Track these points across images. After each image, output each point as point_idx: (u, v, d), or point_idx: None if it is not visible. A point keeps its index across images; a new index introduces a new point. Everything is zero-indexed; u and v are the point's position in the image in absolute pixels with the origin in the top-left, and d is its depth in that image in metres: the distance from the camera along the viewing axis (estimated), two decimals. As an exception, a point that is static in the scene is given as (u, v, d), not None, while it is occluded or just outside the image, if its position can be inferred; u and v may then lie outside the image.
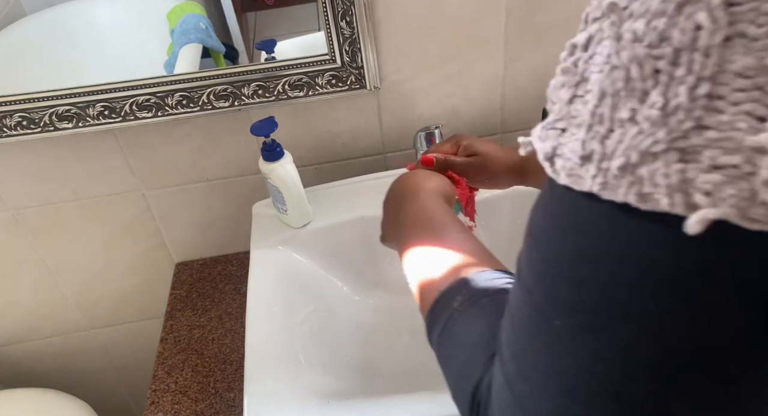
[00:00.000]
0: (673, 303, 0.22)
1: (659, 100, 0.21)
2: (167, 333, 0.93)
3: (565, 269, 0.25)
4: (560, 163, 0.25)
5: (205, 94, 0.83)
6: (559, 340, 0.26)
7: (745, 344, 0.22)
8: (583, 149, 0.24)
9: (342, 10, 0.78)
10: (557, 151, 0.25)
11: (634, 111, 0.22)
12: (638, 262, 0.23)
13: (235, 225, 1.00)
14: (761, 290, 0.21)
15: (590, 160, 0.24)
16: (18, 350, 1.12)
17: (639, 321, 0.23)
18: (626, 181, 0.22)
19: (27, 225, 0.96)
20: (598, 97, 0.23)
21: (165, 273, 1.04)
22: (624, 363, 0.23)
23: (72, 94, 0.81)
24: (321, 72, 0.83)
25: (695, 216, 0.21)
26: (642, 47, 0.21)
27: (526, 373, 0.28)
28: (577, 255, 0.25)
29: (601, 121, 0.23)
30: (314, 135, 0.92)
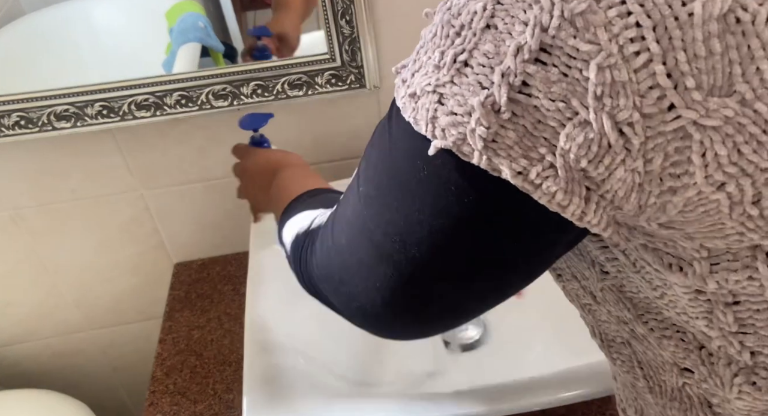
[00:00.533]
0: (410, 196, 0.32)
1: (438, 55, 0.29)
2: (166, 334, 0.93)
3: (373, 153, 0.35)
4: (396, 79, 0.33)
5: (204, 94, 0.83)
6: (359, 201, 0.36)
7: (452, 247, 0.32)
8: (404, 74, 0.32)
9: (342, 9, 0.78)
10: (402, 69, 0.33)
11: (430, 58, 0.30)
12: (407, 164, 0.32)
13: (234, 226, 1.00)
14: (461, 204, 0.30)
15: (404, 84, 0.32)
16: (16, 351, 1.12)
17: (399, 202, 0.33)
18: (411, 106, 0.31)
19: (25, 225, 0.95)
20: (423, 41, 0.32)
21: (164, 274, 1.04)
22: (385, 226, 0.34)
23: (70, 93, 0.81)
24: (320, 71, 0.83)
25: (432, 143, 0.30)
26: (448, 14, 0.29)
27: (338, 217, 0.39)
28: (381, 147, 0.34)
29: (418, 58, 0.32)
30: (314, 134, 0.92)
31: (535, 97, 0.27)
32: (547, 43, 0.26)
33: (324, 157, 0.95)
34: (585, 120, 0.26)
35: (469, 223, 0.31)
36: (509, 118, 0.27)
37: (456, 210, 0.31)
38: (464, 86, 0.28)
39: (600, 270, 0.39)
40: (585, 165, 0.27)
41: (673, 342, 0.38)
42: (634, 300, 0.38)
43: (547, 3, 0.25)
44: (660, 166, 0.27)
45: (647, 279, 0.36)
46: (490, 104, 0.27)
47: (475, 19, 0.28)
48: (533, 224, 0.31)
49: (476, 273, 0.33)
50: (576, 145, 0.27)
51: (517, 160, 0.28)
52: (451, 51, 0.29)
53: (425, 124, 0.30)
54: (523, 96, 0.27)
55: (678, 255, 0.32)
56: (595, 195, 0.29)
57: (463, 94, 0.28)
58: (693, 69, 0.25)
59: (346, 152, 0.95)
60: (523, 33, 0.26)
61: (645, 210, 0.29)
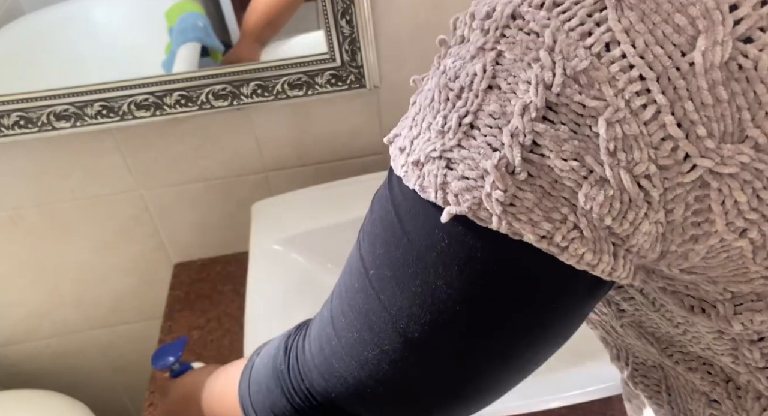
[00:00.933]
0: (433, 270, 0.30)
1: (441, 120, 0.28)
2: (166, 335, 0.92)
3: (381, 230, 0.32)
4: (391, 148, 0.32)
5: (204, 93, 0.83)
6: (371, 285, 0.33)
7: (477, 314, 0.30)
8: (402, 142, 0.31)
9: (342, 8, 0.78)
10: (395, 138, 0.32)
11: (430, 124, 0.29)
12: (419, 236, 0.30)
13: (234, 226, 1.00)
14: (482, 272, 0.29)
15: (403, 152, 0.31)
16: (16, 351, 1.12)
17: (420, 279, 0.30)
18: (416, 174, 0.29)
19: (25, 225, 0.95)
20: (419, 107, 0.30)
21: (163, 274, 1.04)
22: (409, 309, 0.31)
23: (70, 93, 0.81)
24: (320, 71, 0.83)
25: (445, 210, 0.28)
26: (444, 78, 0.29)
27: (345, 309, 0.35)
28: (389, 221, 0.32)
29: (416, 125, 0.30)
30: (314, 134, 0.92)
31: (548, 157, 0.26)
32: (552, 101, 0.25)
33: (324, 157, 0.95)
34: (602, 177, 0.26)
35: (502, 289, 0.29)
36: (525, 179, 0.27)
37: (487, 276, 0.29)
38: (473, 149, 0.27)
39: (617, 309, 0.38)
40: (609, 222, 0.27)
41: (699, 374, 0.37)
42: (656, 335, 0.38)
43: (548, 61, 0.25)
44: (681, 216, 0.27)
45: (667, 317, 0.35)
46: (504, 166, 0.27)
47: (475, 81, 0.27)
48: (563, 283, 0.30)
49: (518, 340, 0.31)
50: (597, 204, 0.26)
51: (539, 224, 0.27)
52: (454, 114, 0.28)
53: (434, 190, 0.29)
54: (536, 156, 0.26)
55: (700, 297, 0.32)
56: (622, 249, 0.28)
57: (473, 158, 0.27)
58: (702, 117, 0.25)
59: (346, 152, 0.95)
60: (527, 92, 0.26)
61: (666, 257, 0.29)
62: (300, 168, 0.95)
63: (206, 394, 0.54)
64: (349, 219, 0.84)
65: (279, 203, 0.88)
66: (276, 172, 0.96)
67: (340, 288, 0.36)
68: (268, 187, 0.97)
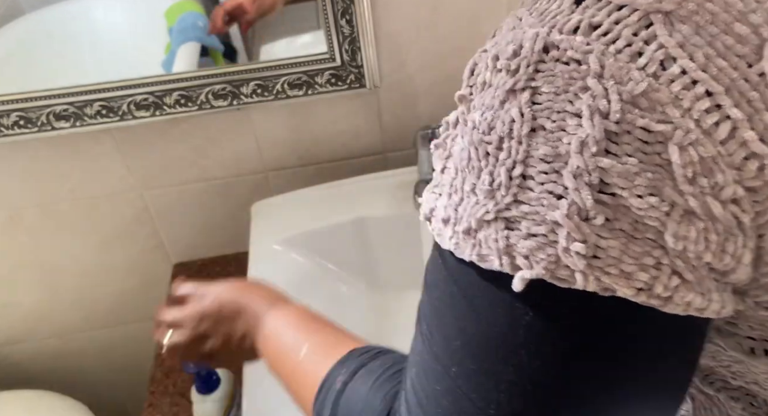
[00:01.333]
0: (525, 351, 0.26)
1: (487, 178, 0.25)
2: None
3: (450, 318, 0.29)
4: (433, 222, 0.29)
5: (204, 93, 0.83)
6: (456, 385, 0.28)
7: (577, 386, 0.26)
8: (444, 213, 0.28)
9: (342, 8, 0.78)
10: (433, 212, 0.29)
11: (474, 185, 0.26)
12: (497, 316, 0.26)
13: (234, 226, 1.00)
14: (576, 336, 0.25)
15: (448, 223, 0.28)
16: (15, 351, 1.12)
17: (513, 365, 0.27)
18: (470, 243, 0.26)
19: (24, 225, 0.95)
20: (454, 171, 0.28)
21: (163, 274, 1.04)
22: (509, 405, 0.27)
23: (70, 93, 0.81)
24: (320, 71, 0.83)
25: (517, 276, 0.25)
26: (477, 133, 0.26)
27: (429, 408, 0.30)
28: (456, 305, 0.28)
29: (455, 191, 0.28)
30: (314, 134, 0.92)
31: (621, 196, 0.23)
32: (612, 131, 0.23)
33: (324, 157, 0.94)
34: (686, 210, 0.23)
35: (606, 355, 0.26)
36: (603, 224, 0.23)
37: (586, 347, 0.26)
38: (534, 202, 0.24)
39: None
40: (709, 259, 0.24)
41: (740, 404, 0.35)
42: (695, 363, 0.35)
43: (599, 88, 0.23)
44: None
45: (713, 356, 0.32)
46: (575, 213, 0.23)
47: (515, 127, 0.24)
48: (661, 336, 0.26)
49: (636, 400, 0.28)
50: (690, 242, 0.23)
51: (633, 276, 0.23)
52: (500, 168, 0.25)
53: (498, 257, 0.25)
54: (607, 196, 0.23)
55: (764, 338, 0.29)
56: (722, 284, 0.25)
57: (536, 211, 0.24)
58: None
59: (346, 152, 0.94)
60: (579, 126, 0.23)
61: (749, 289, 0.26)
62: (300, 168, 0.95)
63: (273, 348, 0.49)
64: (349, 219, 0.84)
65: (279, 203, 0.88)
66: (276, 172, 0.95)
67: (419, 396, 0.31)
68: (268, 187, 0.97)
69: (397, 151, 0.95)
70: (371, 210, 0.84)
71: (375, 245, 0.85)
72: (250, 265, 0.81)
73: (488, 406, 0.27)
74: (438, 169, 0.29)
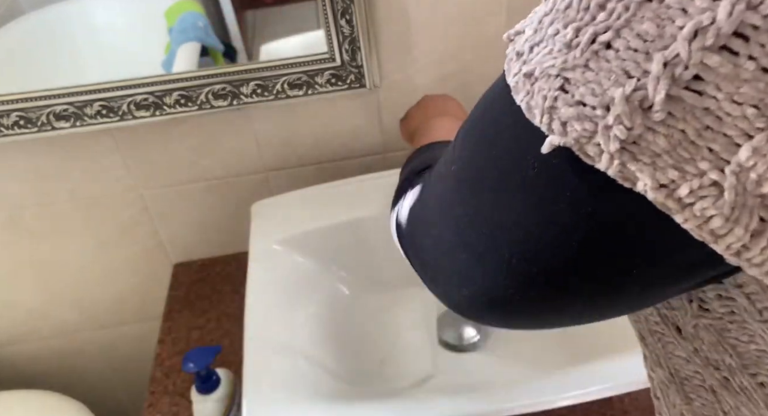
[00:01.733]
0: (506, 194, 0.27)
1: (571, 32, 0.23)
2: (165, 335, 0.92)
3: (473, 131, 0.30)
4: (509, 48, 0.28)
5: (204, 93, 0.83)
6: (449, 178, 0.32)
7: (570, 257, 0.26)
8: (522, 45, 0.26)
9: (342, 8, 0.78)
10: (516, 36, 0.28)
11: (557, 32, 0.24)
12: (513, 156, 0.27)
13: (234, 226, 1.00)
14: (581, 207, 0.25)
15: (519, 58, 0.26)
16: (15, 351, 1.12)
17: (493, 195, 0.28)
18: (525, 88, 0.25)
19: (24, 225, 0.95)
20: (550, 7, 0.25)
21: (163, 274, 1.04)
22: (475, 216, 0.30)
23: (70, 93, 0.81)
24: (320, 71, 0.83)
25: (547, 139, 0.24)
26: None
27: (429, 192, 0.36)
28: (484, 126, 0.29)
29: (540, 28, 0.25)
30: (314, 134, 0.92)
31: (710, 97, 0.20)
32: (750, 24, 0.19)
33: (324, 156, 0.95)
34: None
35: (580, 238, 0.25)
36: (662, 120, 0.21)
37: (567, 220, 0.25)
38: (603, 73, 0.22)
39: (698, 306, 0.31)
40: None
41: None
42: (739, 349, 0.31)
43: None
44: None
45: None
46: (638, 100, 0.21)
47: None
48: (664, 252, 0.25)
49: (566, 290, 0.28)
50: (766, 162, 0.20)
51: (663, 170, 0.22)
52: (590, 28, 0.22)
53: (540, 113, 0.24)
54: (691, 94, 0.20)
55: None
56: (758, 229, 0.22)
57: (600, 83, 0.22)
58: None
59: (346, 152, 0.94)
60: (708, 10, 0.19)
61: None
62: (300, 168, 0.95)
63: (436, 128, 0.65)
64: (349, 219, 0.84)
65: (279, 203, 0.88)
66: (276, 172, 0.95)
67: (434, 168, 0.36)
68: (268, 187, 0.97)
69: (397, 150, 0.95)
70: (371, 211, 0.84)
71: (375, 245, 0.85)
72: (250, 265, 0.81)
73: (461, 208, 0.30)
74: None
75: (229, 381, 0.79)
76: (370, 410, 0.66)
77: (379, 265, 0.87)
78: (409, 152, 0.60)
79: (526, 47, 0.26)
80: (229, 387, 0.79)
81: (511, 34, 0.28)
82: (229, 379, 0.80)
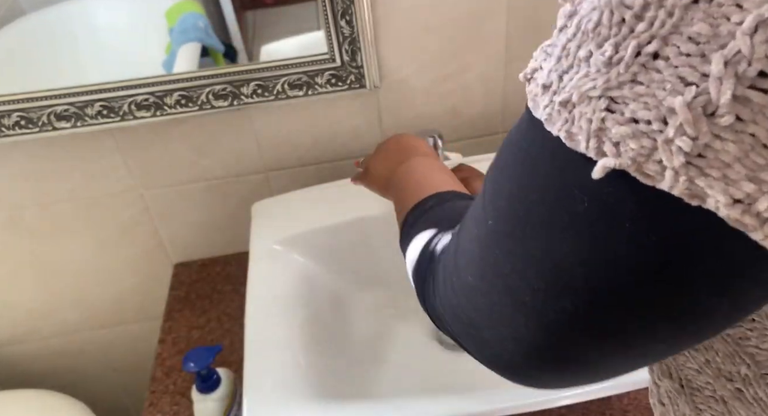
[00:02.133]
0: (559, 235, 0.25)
1: (609, 49, 0.22)
2: (166, 334, 0.92)
3: (503, 177, 0.28)
4: (531, 85, 0.26)
5: (204, 94, 0.83)
6: (487, 234, 0.29)
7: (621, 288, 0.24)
8: (547, 77, 0.25)
9: (342, 9, 0.78)
10: (535, 73, 0.26)
11: (591, 53, 0.23)
12: (557, 194, 0.25)
13: (234, 226, 1.00)
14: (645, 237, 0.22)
15: (547, 90, 0.25)
16: (16, 351, 1.12)
17: (544, 240, 0.26)
18: (563, 117, 0.24)
19: (24, 225, 0.95)
20: (573, 31, 0.24)
21: (163, 274, 1.04)
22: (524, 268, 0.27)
23: (70, 93, 0.81)
24: (320, 71, 0.83)
25: (599, 162, 0.22)
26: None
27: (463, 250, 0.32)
28: (514, 170, 0.27)
29: (567, 55, 0.24)
30: (314, 134, 0.92)
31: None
32: None
33: (324, 157, 0.95)
34: None
35: (647, 272, 0.23)
36: (730, 124, 0.19)
37: (630, 255, 0.23)
38: (655, 84, 0.20)
39: None
40: None
41: None
42: (758, 358, 0.30)
43: None
44: None
45: None
46: (700, 106, 0.19)
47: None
48: (740, 274, 0.22)
49: (643, 332, 0.25)
50: None
51: (737, 184, 0.20)
52: (632, 41, 0.21)
53: (586, 138, 0.23)
54: (758, 93, 0.19)
55: None
56: None
57: (653, 95, 0.20)
58: None
59: (346, 152, 0.95)
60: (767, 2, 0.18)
61: None
62: (300, 168, 0.96)
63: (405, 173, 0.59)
64: (350, 219, 0.84)
65: (279, 203, 0.89)
66: (276, 172, 0.96)
67: (464, 224, 0.33)
68: (269, 187, 0.97)
69: (397, 151, 0.95)
70: (371, 211, 0.84)
71: (375, 245, 0.85)
72: (251, 265, 0.81)
73: (506, 261, 0.27)
74: (558, 24, 0.25)
75: (229, 380, 0.80)
76: (370, 410, 0.66)
77: (379, 265, 0.87)
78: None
79: (554, 77, 0.25)
80: (229, 387, 0.79)
81: (528, 73, 0.27)
82: (229, 378, 0.80)
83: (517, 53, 0.87)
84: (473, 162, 0.87)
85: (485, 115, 0.94)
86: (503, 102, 0.93)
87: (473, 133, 0.95)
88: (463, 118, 0.93)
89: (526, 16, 0.84)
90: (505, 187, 0.28)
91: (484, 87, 0.91)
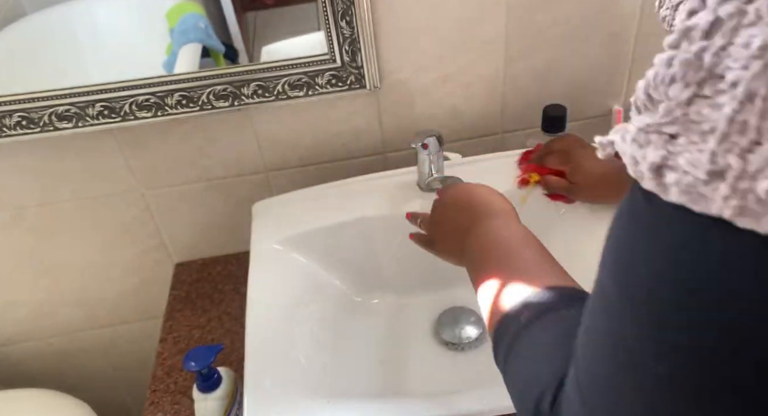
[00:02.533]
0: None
1: None
2: (167, 334, 0.93)
3: (671, 308, 0.21)
4: (673, 176, 0.21)
5: (205, 94, 0.83)
6: (654, 384, 0.23)
7: None
8: (712, 163, 0.20)
9: (342, 9, 0.78)
10: (668, 161, 0.21)
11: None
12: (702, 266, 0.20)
13: (235, 225, 1.00)
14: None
15: (722, 178, 0.19)
16: (17, 350, 1.12)
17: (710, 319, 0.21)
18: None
19: (26, 225, 0.95)
20: (742, 100, 0.19)
21: (164, 274, 1.04)
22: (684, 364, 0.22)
23: (72, 93, 0.81)
24: (321, 72, 0.83)
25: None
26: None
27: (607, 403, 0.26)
28: (691, 291, 0.21)
29: (743, 130, 0.19)
30: (314, 135, 0.92)
31: None
32: None
33: (324, 157, 0.95)
34: None
35: None
36: None
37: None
38: None
39: None
40: None
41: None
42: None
43: None
44: None
45: None
46: None
47: None
48: None
49: None
50: None
51: None
52: None
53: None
54: None
55: None
56: None
57: None
58: None
59: (346, 152, 0.95)
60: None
61: None
62: (300, 168, 0.96)
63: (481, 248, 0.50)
64: (350, 219, 0.84)
65: (279, 203, 0.89)
66: (276, 172, 0.96)
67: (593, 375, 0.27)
68: (269, 187, 0.97)
69: (397, 151, 0.96)
70: (371, 211, 0.84)
71: (375, 245, 0.86)
72: (251, 265, 0.81)
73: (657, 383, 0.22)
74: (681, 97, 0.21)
75: (230, 379, 0.80)
76: (370, 410, 0.66)
77: (379, 265, 0.87)
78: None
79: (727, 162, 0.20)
80: (230, 386, 0.79)
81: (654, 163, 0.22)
82: (230, 378, 0.80)
83: (517, 54, 0.88)
84: (473, 162, 0.87)
85: (485, 116, 0.94)
86: (503, 102, 0.93)
87: (473, 133, 0.95)
88: (463, 119, 0.94)
89: (525, 17, 0.84)
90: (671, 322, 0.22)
91: (484, 87, 0.91)
